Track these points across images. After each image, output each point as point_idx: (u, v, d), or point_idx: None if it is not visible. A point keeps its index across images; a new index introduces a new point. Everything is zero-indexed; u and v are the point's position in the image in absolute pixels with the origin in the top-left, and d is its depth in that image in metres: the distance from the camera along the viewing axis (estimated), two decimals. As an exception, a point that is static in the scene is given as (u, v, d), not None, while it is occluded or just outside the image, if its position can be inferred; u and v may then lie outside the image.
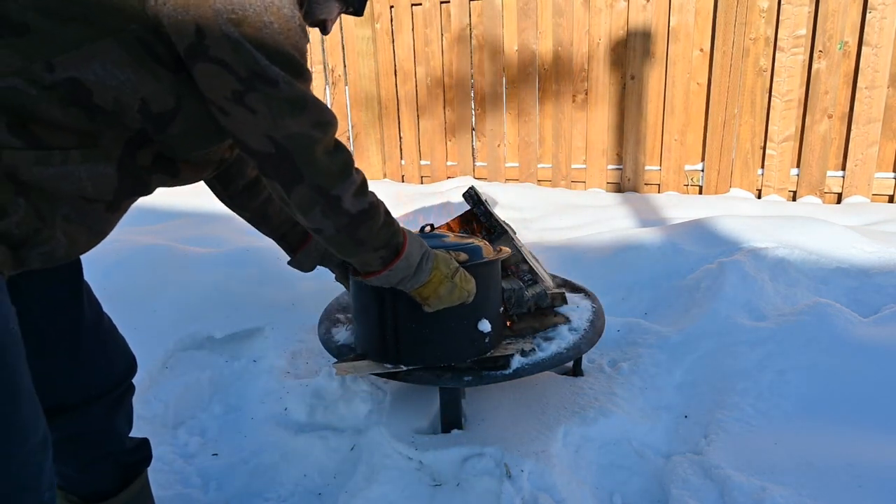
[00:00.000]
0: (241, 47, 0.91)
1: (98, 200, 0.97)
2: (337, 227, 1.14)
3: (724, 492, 1.42)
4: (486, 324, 1.55)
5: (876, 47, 3.31)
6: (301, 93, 0.99)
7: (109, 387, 1.27)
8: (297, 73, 0.98)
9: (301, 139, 1.01)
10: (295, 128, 0.99)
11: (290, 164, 1.03)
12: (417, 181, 4.97)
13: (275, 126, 0.98)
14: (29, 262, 0.94)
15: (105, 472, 1.32)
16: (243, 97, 0.94)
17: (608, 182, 4.22)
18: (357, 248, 1.21)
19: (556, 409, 1.73)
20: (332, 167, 1.07)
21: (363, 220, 1.16)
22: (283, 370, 2.10)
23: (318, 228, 1.14)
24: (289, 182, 1.05)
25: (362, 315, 1.62)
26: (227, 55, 0.91)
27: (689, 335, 2.06)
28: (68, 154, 0.91)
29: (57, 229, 0.94)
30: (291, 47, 0.96)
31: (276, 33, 0.93)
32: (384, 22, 4.77)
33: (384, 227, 1.22)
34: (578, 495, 1.48)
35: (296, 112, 0.99)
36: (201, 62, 0.92)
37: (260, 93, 0.94)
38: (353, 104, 5.08)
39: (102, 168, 0.95)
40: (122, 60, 0.89)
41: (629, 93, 4.01)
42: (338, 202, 1.10)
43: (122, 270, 2.40)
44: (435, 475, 1.55)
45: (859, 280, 2.34)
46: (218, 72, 0.92)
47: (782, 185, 3.69)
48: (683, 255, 2.59)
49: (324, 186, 1.08)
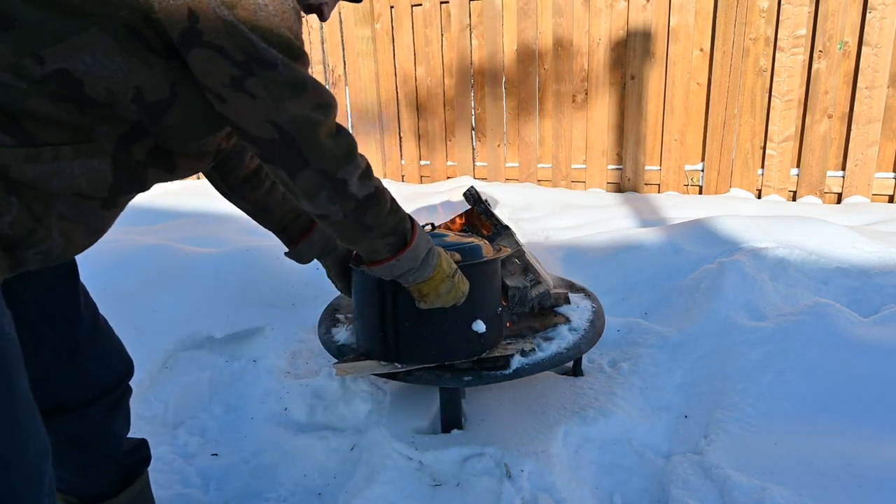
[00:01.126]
0: (236, 30, 0.89)
1: (93, 197, 0.96)
2: (344, 212, 1.12)
3: (724, 492, 1.42)
4: (481, 324, 1.55)
5: (876, 47, 3.31)
6: (301, 75, 0.97)
7: (107, 389, 1.26)
8: (294, 55, 0.96)
9: (304, 122, 0.99)
10: (297, 111, 0.97)
11: (294, 149, 1.01)
12: (417, 181, 4.97)
13: (276, 110, 0.96)
14: (26, 262, 0.93)
15: (104, 474, 1.32)
16: (243, 82, 0.92)
17: (608, 182, 4.22)
18: (364, 234, 1.19)
19: (556, 409, 1.73)
20: (336, 150, 1.06)
21: (370, 205, 1.15)
22: (283, 370, 2.10)
23: (324, 214, 1.12)
24: (293, 167, 1.03)
25: (362, 310, 1.62)
26: (223, 39, 0.89)
27: (689, 335, 2.06)
28: (59, 150, 0.89)
29: (53, 228, 0.92)
30: (287, 29, 0.94)
31: (272, 15, 0.91)
32: (384, 22, 4.77)
33: (391, 213, 1.21)
34: (578, 495, 1.48)
35: (296, 94, 0.96)
36: (196, 48, 0.89)
37: (259, 77, 0.92)
38: (353, 104, 5.08)
39: (96, 164, 0.93)
40: (112, 49, 0.87)
41: (629, 93, 4.01)
42: (344, 186, 1.08)
43: (122, 270, 2.40)
44: (435, 475, 1.55)
45: (859, 280, 2.34)
46: (213, 57, 0.90)
47: (782, 185, 3.69)
48: (683, 255, 2.59)
49: (329, 170, 1.06)
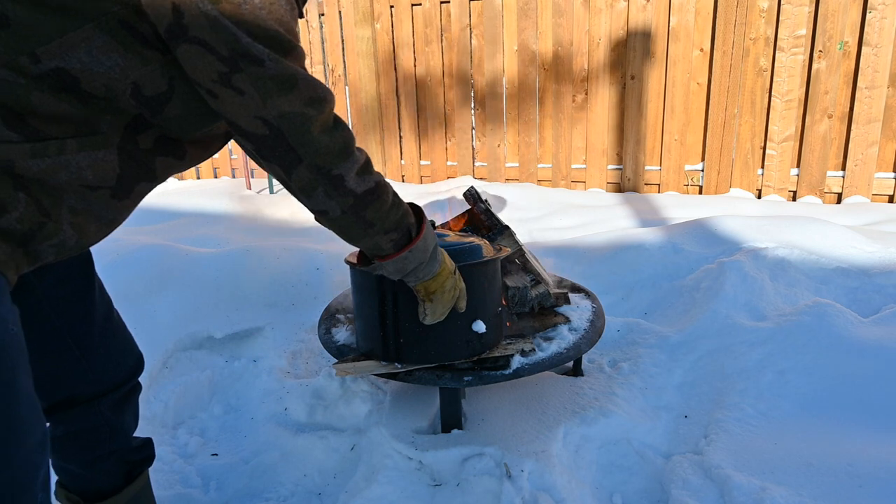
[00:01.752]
0: (219, 25, 0.86)
1: (101, 187, 0.95)
2: (343, 208, 1.09)
3: (724, 492, 1.42)
4: (481, 324, 1.55)
5: (876, 47, 3.31)
6: (290, 70, 0.93)
7: (118, 383, 1.27)
8: (284, 49, 0.92)
9: (294, 118, 0.96)
10: (286, 107, 0.95)
11: (285, 145, 0.98)
12: (417, 181, 4.97)
13: (265, 106, 0.93)
14: (42, 256, 0.93)
15: (110, 470, 1.32)
16: (230, 78, 0.90)
17: (608, 182, 4.22)
18: (365, 231, 1.15)
19: (556, 409, 1.73)
20: (331, 145, 1.02)
21: (370, 201, 1.11)
22: (283, 370, 2.10)
23: (322, 210, 1.10)
24: (287, 164, 1.01)
25: (362, 310, 1.62)
26: (207, 34, 0.86)
27: (689, 335, 2.06)
28: (65, 143, 0.89)
29: (63, 221, 0.92)
30: (276, 22, 0.90)
31: (257, 8, 0.88)
32: (384, 22, 4.77)
33: (393, 209, 1.17)
34: (578, 495, 1.48)
35: (285, 90, 0.93)
36: (183, 43, 0.87)
37: (246, 73, 0.90)
38: (353, 104, 5.08)
39: (102, 154, 0.92)
40: (107, 45, 0.86)
41: (629, 93, 4.01)
42: (341, 181, 1.05)
43: (122, 270, 2.40)
44: (435, 475, 1.55)
45: (859, 280, 2.34)
46: (200, 53, 0.88)
47: (782, 185, 3.69)
48: (683, 255, 2.59)
49: (324, 166, 1.03)
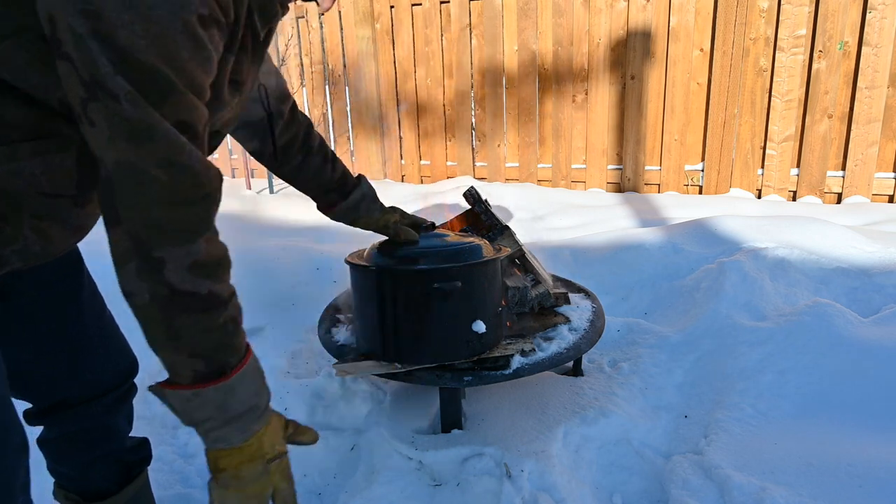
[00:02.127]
0: (83, 45, 0.74)
1: (60, 196, 0.90)
2: (152, 296, 0.83)
3: (724, 492, 1.42)
4: (481, 324, 1.55)
5: (876, 47, 3.31)
6: (150, 120, 0.77)
7: (111, 385, 1.27)
8: (157, 91, 0.77)
9: (132, 172, 0.78)
10: (129, 156, 0.78)
11: (111, 199, 0.81)
12: (417, 181, 4.97)
13: (107, 146, 0.78)
14: (6, 261, 0.90)
15: (106, 471, 1.32)
16: (86, 106, 0.77)
17: (608, 182, 4.22)
18: (168, 341, 0.86)
19: (556, 409, 1.73)
20: (165, 222, 0.81)
21: (188, 306, 0.84)
22: (283, 370, 2.10)
23: (129, 291, 0.84)
24: (108, 220, 0.83)
25: (362, 310, 1.62)
26: (73, 52, 0.75)
27: (689, 335, 2.06)
28: (17, 147, 0.83)
29: (24, 227, 0.89)
30: (158, 58, 0.75)
31: (137, 37, 0.73)
32: (384, 22, 4.77)
33: (217, 332, 0.87)
34: (578, 495, 1.48)
35: (135, 139, 0.77)
36: (58, 58, 0.77)
37: (101, 103, 0.76)
38: (353, 104, 5.08)
39: (58, 160, 0.87)
40: (26, 61, 0.81)
41: (629, 93, 4.01)
42: (159, 267, 0.82)
43: (122, 270, 2.40)
44: (435, 475, 1.55)
45: (859, 280, 2.34)
46: (68, 71, 0.76)
47: (782, 185, 3.69)
48: (683, 255, 2.59)
49: (145, 241, 0.81)
